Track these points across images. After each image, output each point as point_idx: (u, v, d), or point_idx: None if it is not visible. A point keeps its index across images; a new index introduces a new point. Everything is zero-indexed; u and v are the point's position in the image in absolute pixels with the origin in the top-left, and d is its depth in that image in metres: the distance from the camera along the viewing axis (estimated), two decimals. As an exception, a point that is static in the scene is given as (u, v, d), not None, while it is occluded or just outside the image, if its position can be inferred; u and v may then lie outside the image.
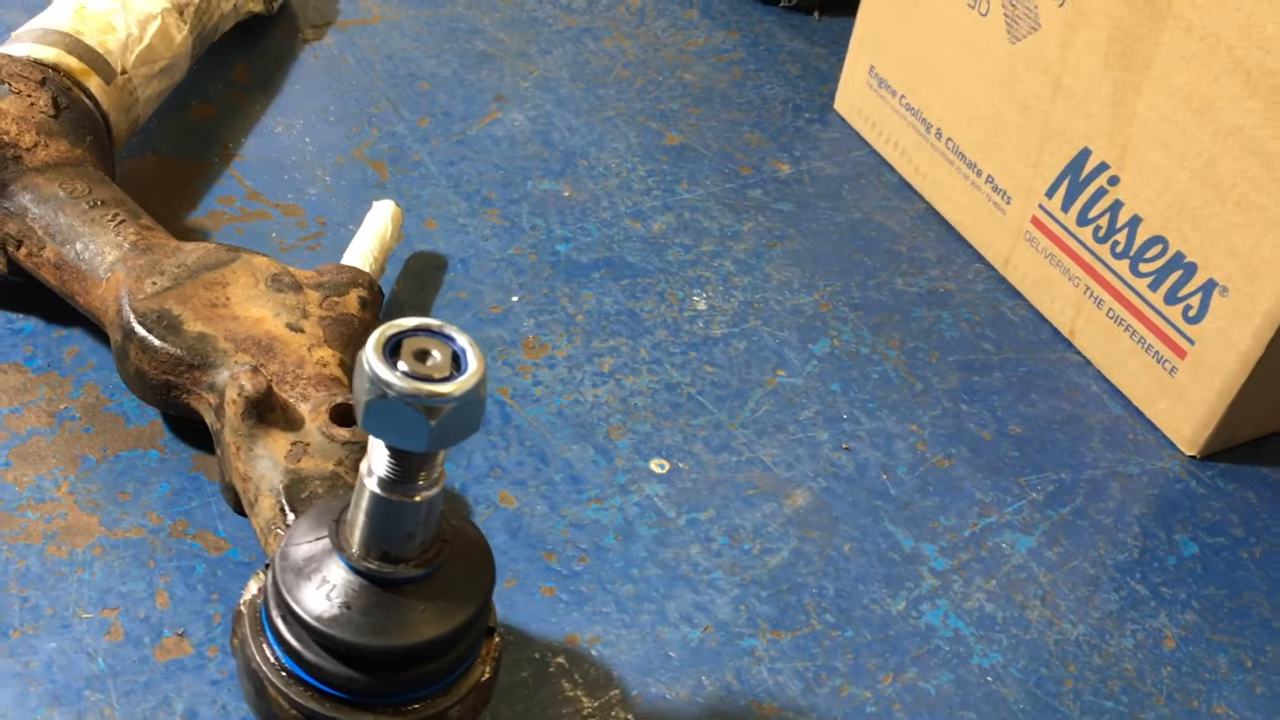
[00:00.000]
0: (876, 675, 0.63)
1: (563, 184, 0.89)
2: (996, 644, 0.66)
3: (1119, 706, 0.64)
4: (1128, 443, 0.79)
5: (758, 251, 0.87)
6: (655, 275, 0.84)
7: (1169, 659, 0.67)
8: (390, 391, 0.44)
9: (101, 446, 0.65)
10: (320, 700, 0.50)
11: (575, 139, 0.93)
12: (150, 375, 0.63)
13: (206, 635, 0.58)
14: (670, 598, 0.64)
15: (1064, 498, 0.75)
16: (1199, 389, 0.78)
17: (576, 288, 0.81)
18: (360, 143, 0.89)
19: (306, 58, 0.95)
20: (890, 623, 0.66)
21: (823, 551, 0.68)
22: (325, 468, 0.59)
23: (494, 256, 0.82)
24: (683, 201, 0.90)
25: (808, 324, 0.83)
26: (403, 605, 0.50)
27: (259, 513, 0.58)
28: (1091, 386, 0.83)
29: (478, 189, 0.87)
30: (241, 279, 0.67)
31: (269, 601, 0.51)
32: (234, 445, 0.60)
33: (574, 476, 0.69)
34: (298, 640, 0.50)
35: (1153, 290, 0.79)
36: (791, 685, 0.62)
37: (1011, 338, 0.85)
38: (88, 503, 0.63)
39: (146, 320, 0.63)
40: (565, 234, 0.85)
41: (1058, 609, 0.68)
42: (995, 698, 0.63)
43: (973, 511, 0.72)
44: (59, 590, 0.59)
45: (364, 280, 0.70)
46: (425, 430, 0.45)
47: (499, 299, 0.79)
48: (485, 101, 0.95)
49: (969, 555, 0.70)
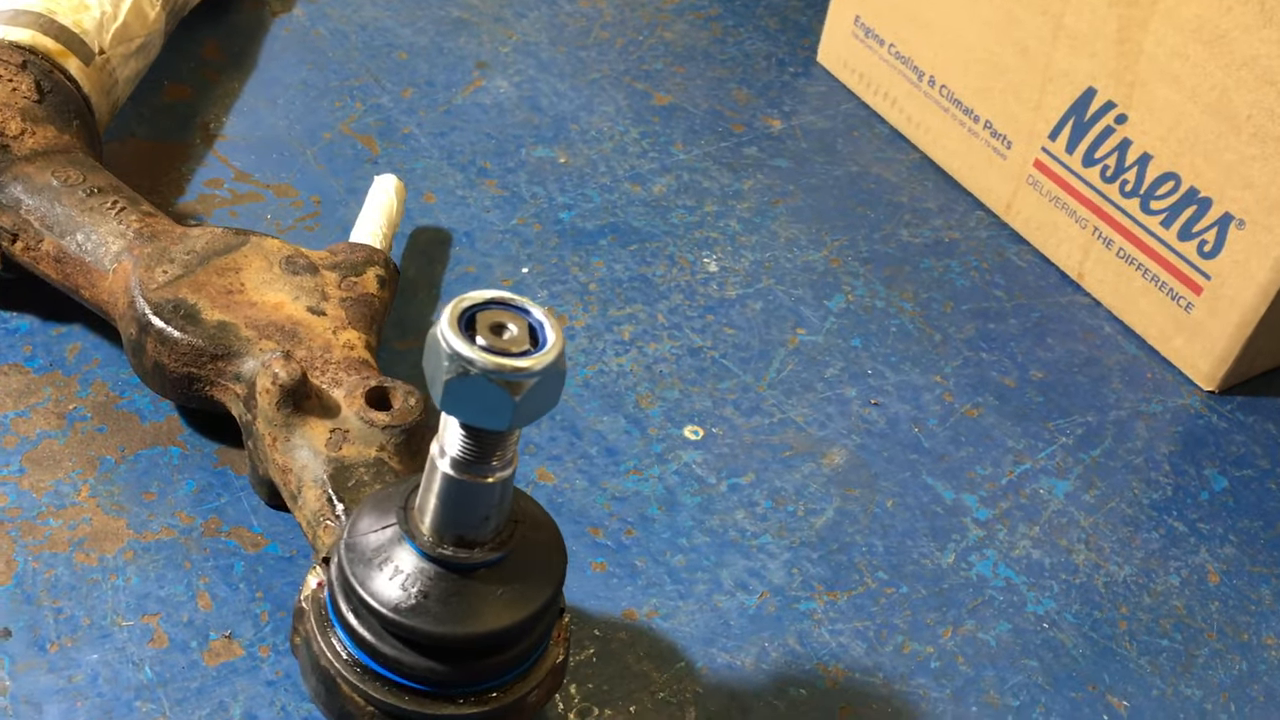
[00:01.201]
0: (936, 630, 0.62)
1: (557, 150, 0.87)
2: (1048, 590, 0.65)
3: (1174, 644, 0.64)
4: (1146, 382, 0.79)
5: (761, 210, 0.86)
6: (662, 239, 0.82)
7: (1215, 594, 0.67)
8: (472, 369, 0.42)
9: (119, 446, 0.62)
10: (399, 694, 0.48)
11: (564, 104, 0.91)
12: (170, 369, 0.59)
13: (255, 635, 0.56)
14: (722, 565, 0.63)
15: (1093, 440, 0.74)
16: (1216, 324, 0.78)
17: (585, 256, 0.79)
18: (345, 117, 0.85)
19: (277, 31, 0.92)
20: (942, 576, 0.65)
21: (866, 509, 0.67)
22: (368, 454, 0.57)
23: (498, 228, 0.80)
24: (680, 162, 0.88)
25: (820, 280, 0.81)
26: (480, 591, 0.48)
27: (304, 505, 0.56)
28: (1105, 328, 0.83)
29: (472, 159, 0.84)
30: (254, 263, 0.64)
31: (337, 595, 0.49)
32: (269, 436, 0.57)
33: (609, 448, 0.67)
34: (372, 634, 0.48)
35: (1165, 228, 0.79)
36: (855, 646, 0.61)
37: (1021, 283, 0.85)
38: (112, 506, 0.60)
39: (163, 311, 0.60)
40: (566, 201, 0.83)
41: (1102, 551, 0.68)
42: (1054, 644, 0.63)
43: (1007, 460, 0.72)
44: (94, 599, 0.56)
45: (379, 258, 0.67)
46: (509, 407, 0.43)
47: (509, 271, 0.77)
48: (467, 70, 0.92)
49: (1009, 504, 0.69)
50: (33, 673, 0.53)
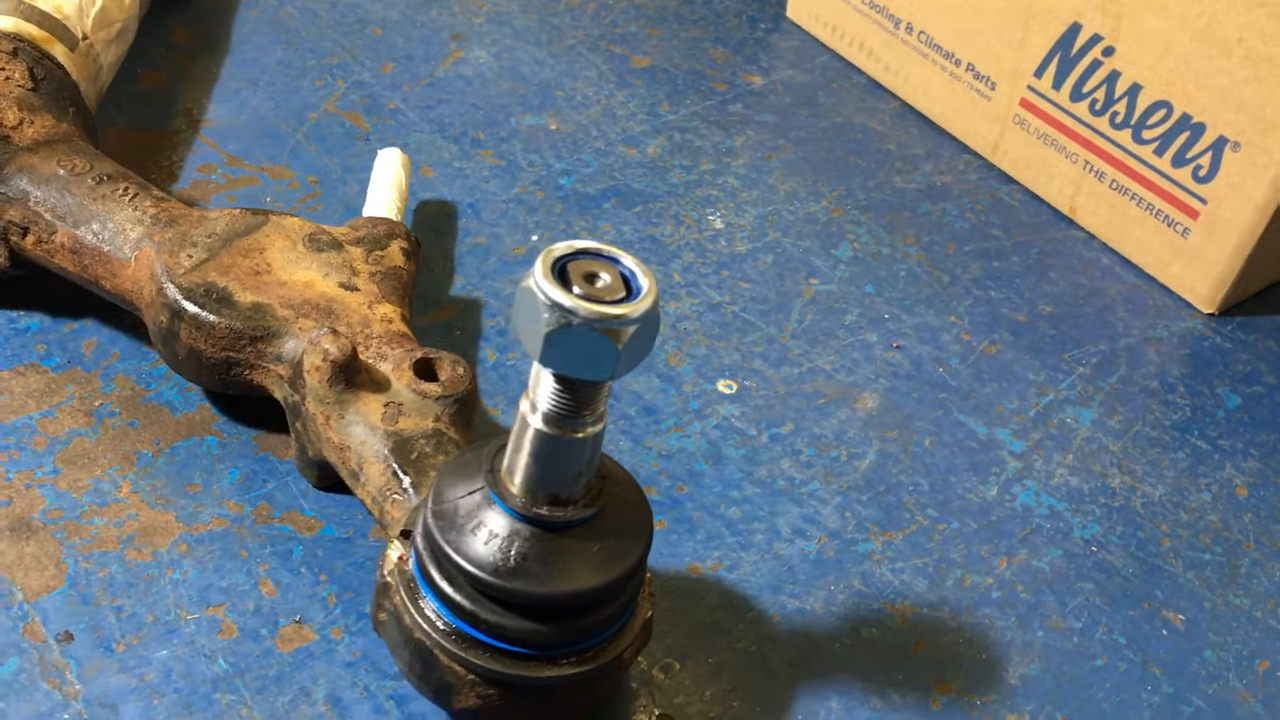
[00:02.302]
0: (991, 561, 0.63)
1: (546, 117, 0.86)
2: (1091, 515, 0.66)
3: (1216, 558, 0.66)
4: (1149, 309, 0.81)
5: (756, 165, 0.86)
6: (665, 199, 0.81)
7: (1246, 506, 0.69)
8: (575, 319, 0.42)
9: (153, 440, 0.60)
10: (501, 659, 0.47)
11: (545, 71, 0.90)
12: (207, 354, 0.58)
13: (326, 618, 0.54)
14: (777, 514, 0.63)
15: (1108, 368, 0.76)
16: (1213, 247, 0.79)
17: (592, 220, 0.78)
18: (328, 96, 0.83)
19: (244, 12, 0.89)
20: (989, 509, 0.66)
21: (906, 449, 0.68)
22: (425, 425, 0.55)
23: (500, 198, 0.79)
24: (669, 123, 0.88)
25: (824, 230, 0.82)
26: (577, 549, 0.47)
27: (367, 481, 0.54)
28: (1102, 260, 0.84)
29: (464, 131, 0.83)
30: (277, 242, 0.62)
31: (427, 565, 0.48)
32: (322, 415, 0.56)
33: (647, 408, 0.67)
34: (471, 600, 0.47)
35: (1158, 155, 0.80)
36: (917, 582, 0.61)
37: (1015, 222, 0.86)
38: (156, 500, 0.58)
39: (195, 296, 0.58)
40: (564, 167, 0.82)
41: (1135, 474, 0.69)
42: (1105, 566, 0.64)
43: (1031, 392, 0.73)
44: (153, 595, 0.54)
45: (401, 230, 0.66)
46: (612, 356, 0.42)
47: (519, 239, 0.76)
48: (443, 42, 0.90)
49: (1040, 435, 0.70)
50: (103, 674, 0.51)
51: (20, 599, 0.53)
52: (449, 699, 0.49)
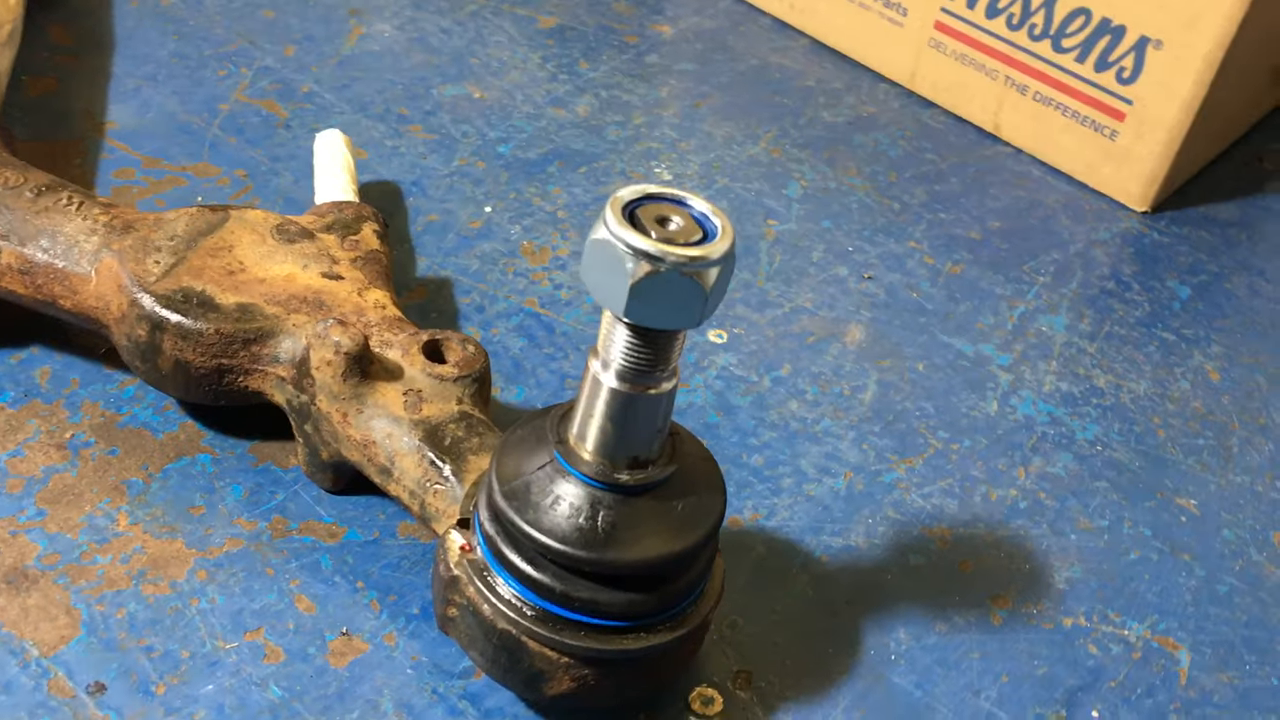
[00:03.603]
0: (1011, 474, 0.63)
1: (467, 86, 0.82)
2: (1088, 417, 0.67)
3: (1208, 441, 0.68)
4: (1087, 214, 0.83)
5: (687, 114, 0.84)
6: (607, 157, 0.79)
7: (1222, 389, 0.71)
8: (662, 265, 0.39)
9: (141, 466, 0.55)
10: (597, 636, 0.45)
11: (454, 40, 0.86)
12: (197, 364, 0.53)
13: (375, 625, 0.51)
14: (798, 456, 0.62)
15: (1065, 275, 0.77)
16: (1143, 146, 0.82)
17: (541, 185, 0.76)
18: (235, 85, 0.78)
19: (123, 5, 0.83)
20: (994, 424, 0.66)
21: (903, 376, 0.68)
22: (450, 409, 0.52)
23: (441, 172, 0.75)
24: (592, 81, 0.85)
25: (770, 172, 0.81)
26: (661, 510, 0.45)
27: (401, 475, 0.51)
28: (1033, 172, 0.85)
29: (387, 108, 0.79)
30: (245, 237, 0.57)
31: (504, 550, 0.45)
32: (339, 413, 0.52)
33: (646, 366, 0.65)
34: (559, 580, 0.44)
35: (1080, 63, 0.82)
36: (947, 504, 0.61)
37: (945, 145, 0.86)
38: (160, 528, 0.53)
39: (174, 303, 0.53)
40: (499, 135, 0.79)
41: (1116, 372, 0.71)
42: (1113, 463, 0.65)
43: (1002, 306, 0.74)
44: (183, 628, 0.50)
45: (368, 212, 0.62)
46: (701, 300, 0.40)
47: (473, 213, 0.73)
48: (341, 19, 0.86)
49: (1022, 346, 0.71)
50: (150, 721, 0.47)
51: (36, 654, 0.48)
52: (540, 687, 0.46)
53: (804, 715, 0.51)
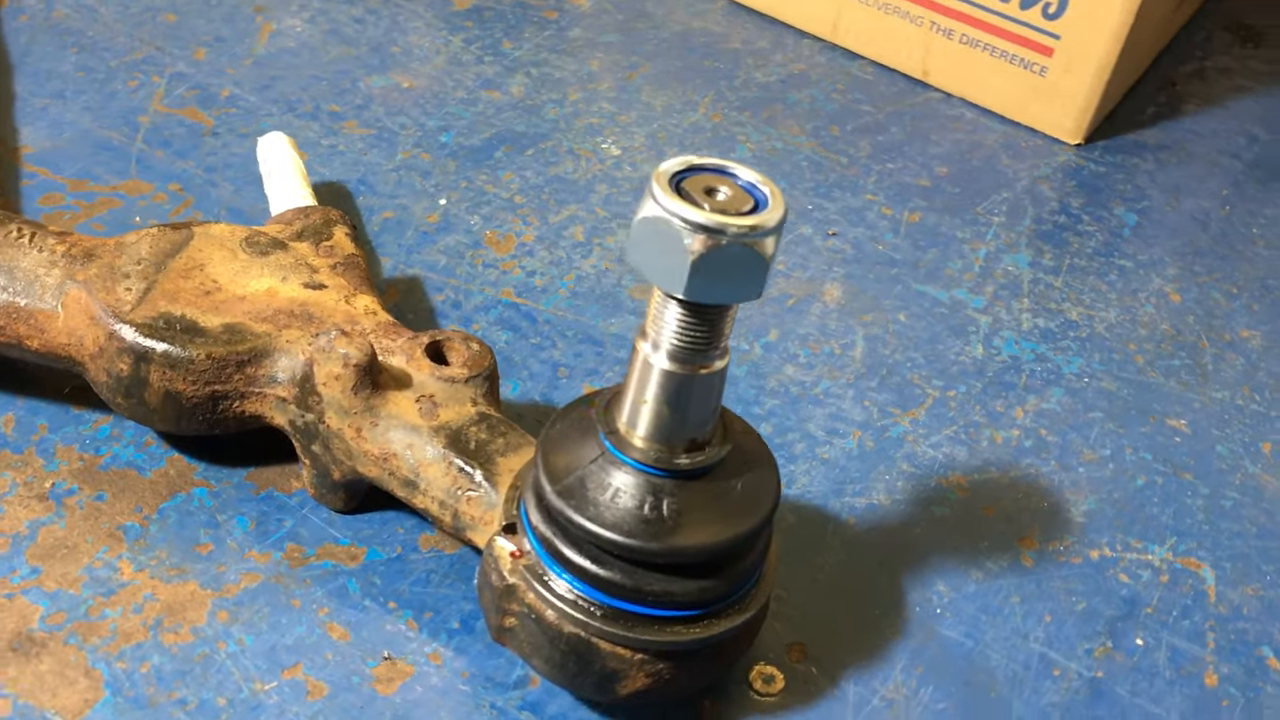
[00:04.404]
0: (1009, 413, 0.64)
1: (394, 76, 0.79)
2: (1070, 350, 0.68)
3: (1184, 361, 0.69)
4: (1026, 151, 0.84)
5: (622, 86, 0.82)
6: (552, 136, 0.77)
7: (1185, 309, 0.73)
8: (724, 238, 0.38)
9: (134, 508, 0.52)
10: (672, 628, 0.43)
11: (369, 29, 0.83)
12: (189, 394, 0.50)
13: (416, 645, 0.49)
14: (805, 420, 0.61)
15: (1018, 213, 0.78)
16: (1072, 80, 0.83)
17: (491, 171, 0.73)
18: (150, 95, 0.73)
19: (11, 21, 0.77)
20: (983, 366, 0.66)
21: (887, 329, 0.67)
22: (468, 412, 0.50)
23: (386, 167, 0.72)
24: (519, 60, 0.83)
25: (715, 137, 0.79)
26: (722, 490, 0.44)
27: (428, 486, 0.48)
28: (967, 115, 0.86)
29: (316, 106, 0.75)
30: (214, 254, 0.54)
31: (564, 551, 0.43)
32: (351, 429, 0.49)
33: (636, 346, 0.63)
34: (628, 576, 0.43)
35: (1005, 2, 0.82)
36: (956, 451, 0.61)
37: (878, 95, 0.86)
38: (169, 572, 0.50)
39: (157, 332, 0.49)
40: (438, 124, 0.76)
41: (1085, 303, 0.72)
42: (1103, 393, 0.66)
43: (965, 250, 0.74)
44: (215, 675, 0.47)
45: (336, 215, 0.59)
46: (763, 270, 0.39)
47: (428, 206, 0.70)
48: (248, 17, 0.81)
49: (993, 287, 0.72)
50: (203, 779, 0.44)
51: (62, 725, 0.45)
52: (613, 688, 0.44)
53: (866, 679, 0.50)
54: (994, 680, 0.51)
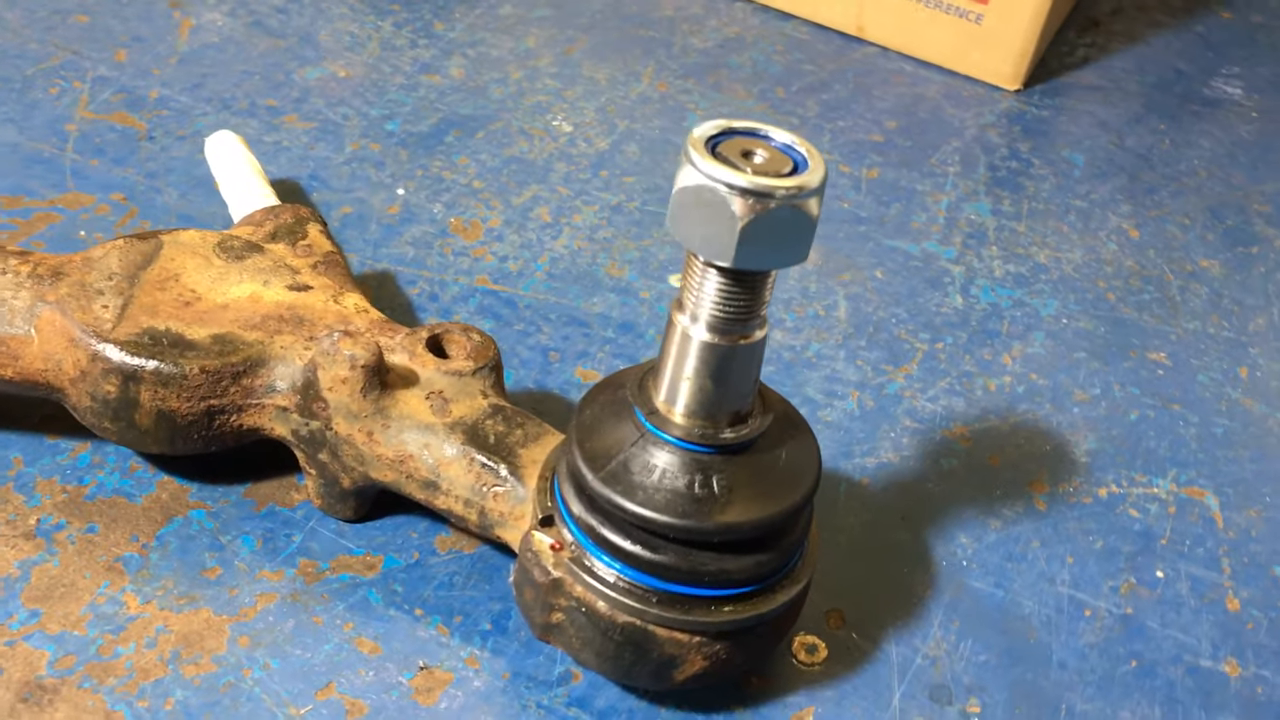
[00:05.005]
0: (998, 360, 0.64)
1: (329, 66, 0.76)
2: (1044, 293, 0.69)
3: (1152, 295, 0.70)
4: (968, 100, 0.84)
5: (562, 61, 0.80)
6: (500, 117, 0.74)
7: (1144, 243, 0.74)
8: (772, 201, 0.37)
9: (130, 538, 0.48)
10: (730, 607, 0.42)
11: (295, 19, 0.79)
12: (183, 411, 0.47)
13: (450, 651, 0.47)
14: (802, 384, 0.60)
15: (970, 161, 0.78)
16: (1009, 26, 0.83)
17: (445, 156, 0.71)
18: (75, 102, 0.69)
19: (-90, 35, 0.72)
20: (966, 316, 0.66)
21: (866, 287, 0.67)
22: (480, 405, 0.48)
23: (337, 160, 0.69)
24: (454, 41, 0.80)
25: (664, 107, 0.78)
26: (769, 462, 0.43)
27: (451, 486, 0.46)
28: (905, 68, 0.86)
29: (252, 101, 0.72)
30: (187, 263, 0.51)
31: (613, 539, 0.41)
32: (362, 433, 0.47)
33: (622, 325, 0.62)
34: (683, 558, 0.41)
35: (938, -46, 0.83)
36: (953, 402, 0.61)
37: (817, 54, 0.86)
38: (179, 601, 0.47)
39: (143, 349, 0.46)
40: (382, 112, 0.73)
41: (1051, 245, 0.72)
42: (1083, 333, 0.66)
43: (928, 202, 0.74)
44: (246, 704, 0.44)
45: (307, 213, 0.56)
46: (810, 231, 0.38)
47: (386, 198, 0.67)
48: (163, 13, 0.77)
49: (960, 236, 0.72)
50: (252, 815, 0.41)
51: (90, 775, 0.42)
52: (670, 674, 0.43)
53: (906, 638, 0.50)
54: (1030, 626, 0.51)
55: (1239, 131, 0.86)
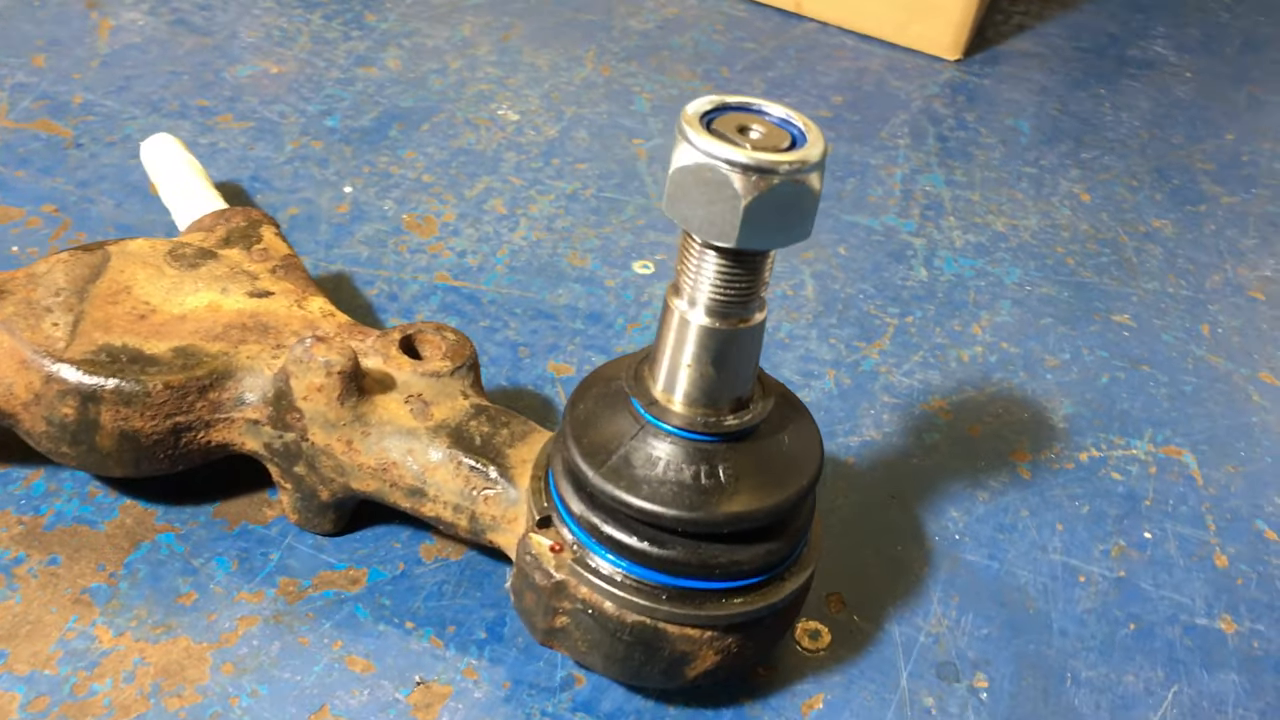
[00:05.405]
0: (967, 330, 0.63)
1: (260, 62, 0.73)
2: (1005, 261, 0.68)
3: (1110, 258, 0.70)
4: (911, 72, 0.84)
5: (500, 49, 0.78)
6: (443, 108, 0.72)
7: (1096, 206, 0.74)
8: (776, 177, 0.35)
9: (96, 567, 0.46)
10: (741, 598, 0.41)
11: (219, 15, 0.76)
12: (148, 431, 0.44)
13: (447, 664, 0.45)
14: (779, 366, 0.59)
15: (919, 133, 0.78)
16: (947, -4, 0.83)
17: (391, 151, 0.68)
18: (-7, 111, 0.66)
19: None
20: (932, 289, 0.66)
21: (831, 264, 0.66)
22: (461, 405, 0.46)
23: (278, 160, 0.66)
24: (387, 32, 0.78)
25: (610, 91, 0.76)
26: (773, 446, 0.41)
27: (438, 492, 0.44)
28: (847, 43, 0.85)
29: (182, 103, 0.69)
30: (138, 274, 0.48)
31: (619, 537, 0.40)
32: (341, 442, 0.45)
33: (590, 315, 0.60)
34: (692, 551, 0.40)
35: (874, -75, 0.82)
36: (929, 375, 0.60)
37: (757, 31, 0.85)
38: (154, 631, 0.44)
39: (101, 367, 0.44)
40: (320, 108, 0.70)
41: (1006, 213, 0.72)
42: (1045, 299, 0.66)
43: (882, 175, 0.73)
44: (241, 737, 0.42)
45: (258, 215, 0.53)
46: (814, 206, 0.37)
47: (334, 197, 0.65)
48: (80, 15, 0.74)
49: (918, 208, 0.71)
50: None
51: (78, 822, 0.39)
52: (682, 671, 0.42)
53: (907, 617, 0.49)
54: (1027, 596, 0.50)
55: (1175, 92, 0.87)
